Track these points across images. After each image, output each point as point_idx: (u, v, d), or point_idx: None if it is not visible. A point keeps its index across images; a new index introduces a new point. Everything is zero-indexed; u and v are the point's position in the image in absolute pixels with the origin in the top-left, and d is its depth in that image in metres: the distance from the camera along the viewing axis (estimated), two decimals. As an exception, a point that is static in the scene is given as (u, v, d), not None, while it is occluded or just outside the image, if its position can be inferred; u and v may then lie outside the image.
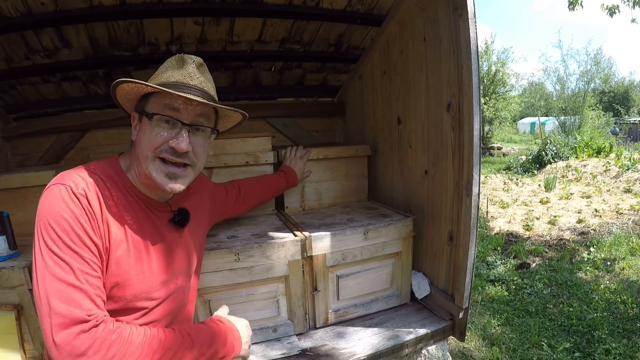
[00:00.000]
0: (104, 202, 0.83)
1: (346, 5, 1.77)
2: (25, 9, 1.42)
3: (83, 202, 0.79)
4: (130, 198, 0.91)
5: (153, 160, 0.88)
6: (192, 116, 0.90)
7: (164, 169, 0.89)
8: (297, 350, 1.35)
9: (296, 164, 1.71)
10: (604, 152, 8.50)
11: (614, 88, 26.59)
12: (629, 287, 3.07)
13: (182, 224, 1.02)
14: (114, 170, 0.92)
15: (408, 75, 1.67)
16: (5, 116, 1.91)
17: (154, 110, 0.88)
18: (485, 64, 15.10)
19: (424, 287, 1.62)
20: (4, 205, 1.36)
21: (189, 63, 0.93)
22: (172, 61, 0.95)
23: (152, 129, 0.88)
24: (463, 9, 1.25)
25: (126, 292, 0.86)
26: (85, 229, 0.77)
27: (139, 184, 0.94)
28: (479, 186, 1.34)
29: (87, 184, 0.82)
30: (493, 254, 3.94)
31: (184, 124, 0.89)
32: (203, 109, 0.92)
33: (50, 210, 0.76)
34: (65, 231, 0.75)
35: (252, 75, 2.22)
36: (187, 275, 1.04)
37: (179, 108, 0.88)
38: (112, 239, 0.83)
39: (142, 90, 0.90)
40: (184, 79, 0.90)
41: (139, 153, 0.90)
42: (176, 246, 1.00)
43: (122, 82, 0.88)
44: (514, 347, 2.38)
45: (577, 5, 5.91)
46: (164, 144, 0.88)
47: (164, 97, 0.88)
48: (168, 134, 0.88)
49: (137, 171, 0.92)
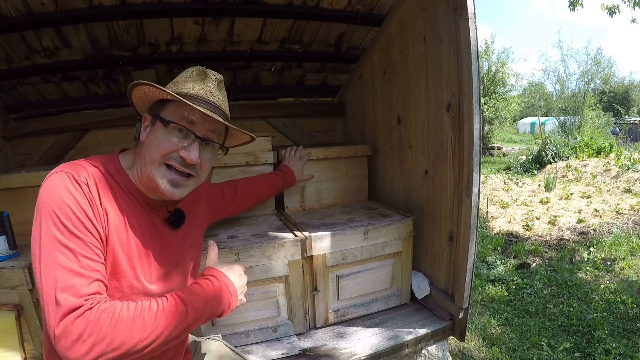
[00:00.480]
0: (103, 192, 0.85)
1: (346, 5, 1.78)
2: (25, 9, 1.42)
3: (85, 189, 0.80)
4: (128, 194, 0.92)
5: (159, 166, 0.89)
6: (205, 131, 0.92)
7: (168, 176, 0.90)
8: (297, 350, 1.35)
9: (294, 164, 1.71)
10: (604, 152, 8.49)
11: (614, 88, 26.58)
12: (629, 287, 3.07)
13: (177, 225, 1.04)
14: (114, 166, 0.93)
15: (408, 75, 1.67)
16: (5, 116, 1.91)
17: (171, 118, 0.89)
18: (485, 64, 15.08)
19: (424, 287, 1.62)
20: (4, 205, 1.36)
21: (211, 79, 0.95)
22: (193, 72, 0.96)
23: (165, 135, 0.89)
24: (463, 9, 1.26)
25: (122, 283, 0.86)
26: (87, 214, 0.78)
27: (139, 184, 0.94)
28: (479, 186, 1.34)
29: (89, 173, 0.84)
30: (493, 254, 3.93)
31: (197, 137, 0.90)
32: (216, 125, 0.94)
33: (52, 197, 0.77)
34: (69, 217, 0.76)
35: (252, 75, 2.22)
36: (183, 274, 1.05)
37: (196, 121, 0.90)
38: (111, 229, 0.85)
39: (161, 96, 0.91)
40: (204, 93, 0.92)
41: (146, 155, 0.91)
42: (171, 244, 1.01)
43: (143, 84, 0.89)
44: (514, 347, 2.38)
45: (578, 5, 5.91)
46: (174, 152, 0.89)
47: (182, 108, 0.89)
48: (180, 144, 0.89)
49: (140, 171, 0.93)
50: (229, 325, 1.36)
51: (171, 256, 1.00)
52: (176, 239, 1.03)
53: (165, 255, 0.98)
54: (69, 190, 0.78)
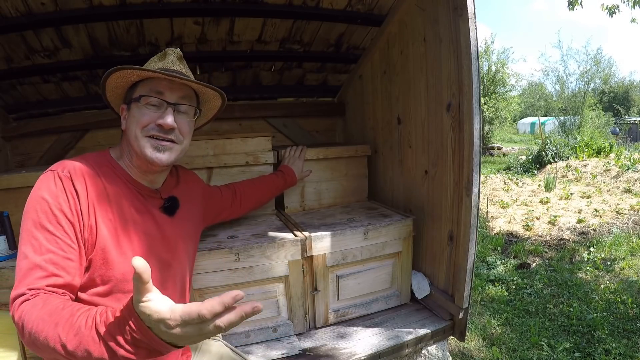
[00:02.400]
0: (92, 183, 0.88)
1: (346, 5, 1.77)
2: (25, 9, 1.42)
3: (65, 183, 0.84)
4: (121, 183, 0.96)
5: (142, 139, 0.94)
6: (175, 97, 0.98)
7: (152, 144, 0.95)
8: (297, 350, 1.35)
9: (294, 163, 1.71)
10: (604, 152, 8.49)
11: (614, 88, 26.56)
12: (629, 287, 3.07)
13: (172, 211, 1.06)
14: (106, 159, 0.98)
15: (408, 75, 1.67)
16: (5, 116, 1.91)
17: (141, 93, 0.95)
18: (485, 64, 15.08)
19: (424, 287, 1.62)
20: (4, 205, 1.36)
21: (169, 54, 1.04)
22: (155, 57, 1.04)
23: (140, 110, 0.95)
24: (463, 9, 1.25)
25: (113, 272, 0.87)
26: (62, 208, 0.81)
27: (131, 169, 0.99)
28: (479, 186, 1.34)
29: (75, 167, 0.87)
30: (493, 254, 3.93)
31: (169, 103, 0.96)
32: (185, 91, 1.00)
33: (34, 195, 0.82)
34: (44, 211, 0.80)
35: (252, 75, 2.22)
36: (179, 266, 1.05)
37: (163, 91, 0.96)
38: (99, 219, 0.87)
39: (129, 80, 0.97)
40: (165, 66, 1.00)
41: (129, 136, 0.96)
42: (166, 232, 1.02)
43: (111, 73, 0.94)
44: (514, 347, 2.38)
45: (577, 4, 5.91)
46: (151, 122, 0.94)
47: (149, 83, 0.96)
48: (155, 114, 0.95)
49: (129, 154, 0.98)
50: (229, 325, 1.36)
51: (167, 244, 1.01)
52: (172, 228, 1.04)
53: (161, 243, 1.00)
54: (48, 187, 0.82)
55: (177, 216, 1.07)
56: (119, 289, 0.88)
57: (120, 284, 0.88)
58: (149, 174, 1.01)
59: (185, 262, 1.09)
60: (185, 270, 1.09)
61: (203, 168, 1.63)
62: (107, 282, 0.86)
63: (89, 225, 0.85)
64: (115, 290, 0.87)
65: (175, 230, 1.05)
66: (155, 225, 1.00)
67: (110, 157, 0.99)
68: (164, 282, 0.99)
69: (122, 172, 0.98)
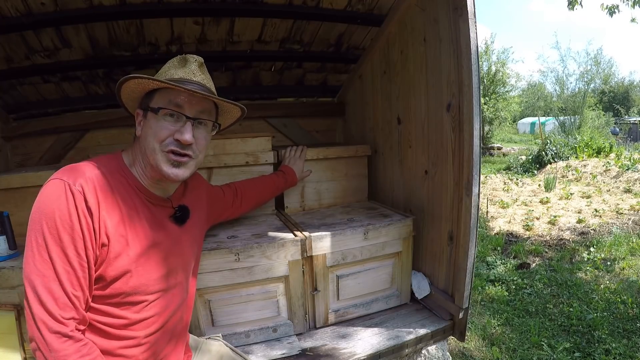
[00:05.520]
0: (103, 196, 0.85)
1: (346, 5, 1.78)
2: (25, 9, 1.42)
3: (77, 199, 0.81)
4: (132, 192, 0.94)
5: (160, 153, 0.92)
6: (195, 111, 0.95)
7: (169, 159, 0.93)
8: (297, 350, 1.35)
9: (295, 163, 1.71)
10: (604, 152, 8.49)
11: (614, 88, 26.58)
12: (629, 287, 3.07)
13: (183, 220, 1.05)
14: (118, 165, 0.95)
15: (408, 75, 1.67)
16: (5, 116, 1.91)
17: (160, 105, 0.92)
18: (485, 64, 15.08)
19: (424, 287, 1.62)
20: (4, 205, 1.36)
21: (191, 62, 0.98)
22: (175, 61, 0.99)
23: (158, 122, 0.92)
24: (463, 9, 1.25)
25: (125, 285, 0.87)
26: (74, 227, 0.80)
27: (143, 178, 0.97)
28: (479, 186, 1.34)
29: (87, 179, 0.84)
30: (493, 254, 3.93)
31: (188, 118, 0.93)
32: (205, 105, 0.97)
33: (45, 206, 0.79)
34: (56, 228, 0.78)
35: (252, 75, 2.22)
36: (185, 271, 1.05)
37: (182, 104, 0.93)
38: (111, 232, 0.85)
39: (147, 87, 0.94)
40: (187, 75, 0.96)
41: (145, 146, 0.93)
42: (175, 242, 1.01)
43: (129, 79, 0.91)
44: (514, 347, 2.38)
45: (577, 4, 5.91)
46: (169, 136, 0.92)
47: (168, 93, 0.93)
48: (173, 127, 0.92)
49: (143, 164, 0.96)
50: (229, 325, 1.36)
51: (174, 254, 1.01)
52: (181, 236, 1.04)
53: (168, 254, 0.99)
54: (60, 201, 0.80)
55: (188, 224, 1.07)
56: (129, 301, 0.88)
57: (130, 296, 0.88)
58: (162, 182, 0.99)
59: (192, 266, 1.09)
60: (191, 273, 1.09)
61: (203, 168, 1.63)
62: (116, 295, 0.86)
63: (101, 243, 0.84)
64: (124, 302, 0.88)
65: (184, 237, 1.05)
66: (165, 234, 0.99)
67: (123, 163, 0.96)
68: (171, 287, 0.99)
69: (134, 180, 0.96)
